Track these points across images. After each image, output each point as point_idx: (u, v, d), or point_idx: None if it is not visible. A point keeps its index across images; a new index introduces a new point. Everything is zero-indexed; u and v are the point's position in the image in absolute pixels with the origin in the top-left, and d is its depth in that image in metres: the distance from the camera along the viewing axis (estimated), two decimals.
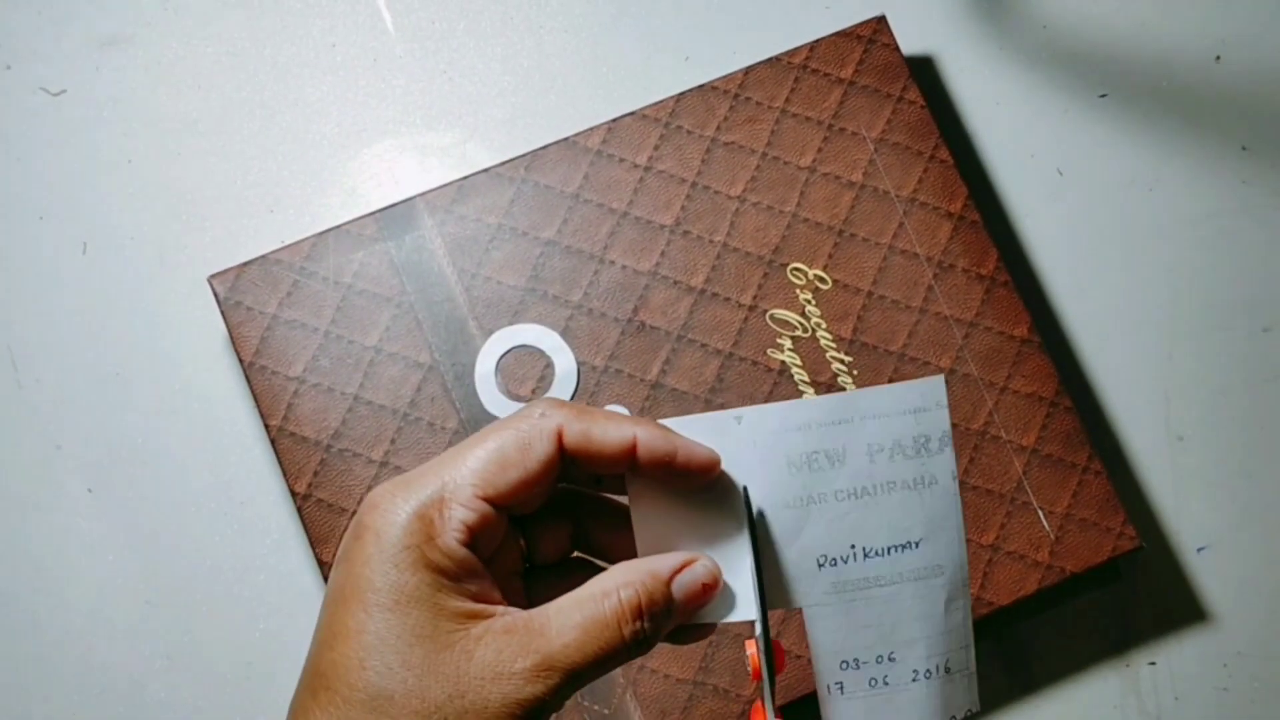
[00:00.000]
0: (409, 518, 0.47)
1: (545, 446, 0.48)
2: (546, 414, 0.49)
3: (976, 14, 0.77)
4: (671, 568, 0.49)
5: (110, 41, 0.76)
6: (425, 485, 0.48)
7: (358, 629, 0.47)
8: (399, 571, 0.47)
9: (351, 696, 0.47)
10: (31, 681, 0.70)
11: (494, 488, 0.48)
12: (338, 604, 0.48)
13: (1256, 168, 0.76)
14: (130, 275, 0.74)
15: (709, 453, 0.49)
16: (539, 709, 0.47)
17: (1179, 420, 0.74)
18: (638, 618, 0.48)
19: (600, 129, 0.72)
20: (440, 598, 0.47)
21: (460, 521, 0.47)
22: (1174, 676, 0.71)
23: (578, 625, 0.47)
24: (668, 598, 0.48)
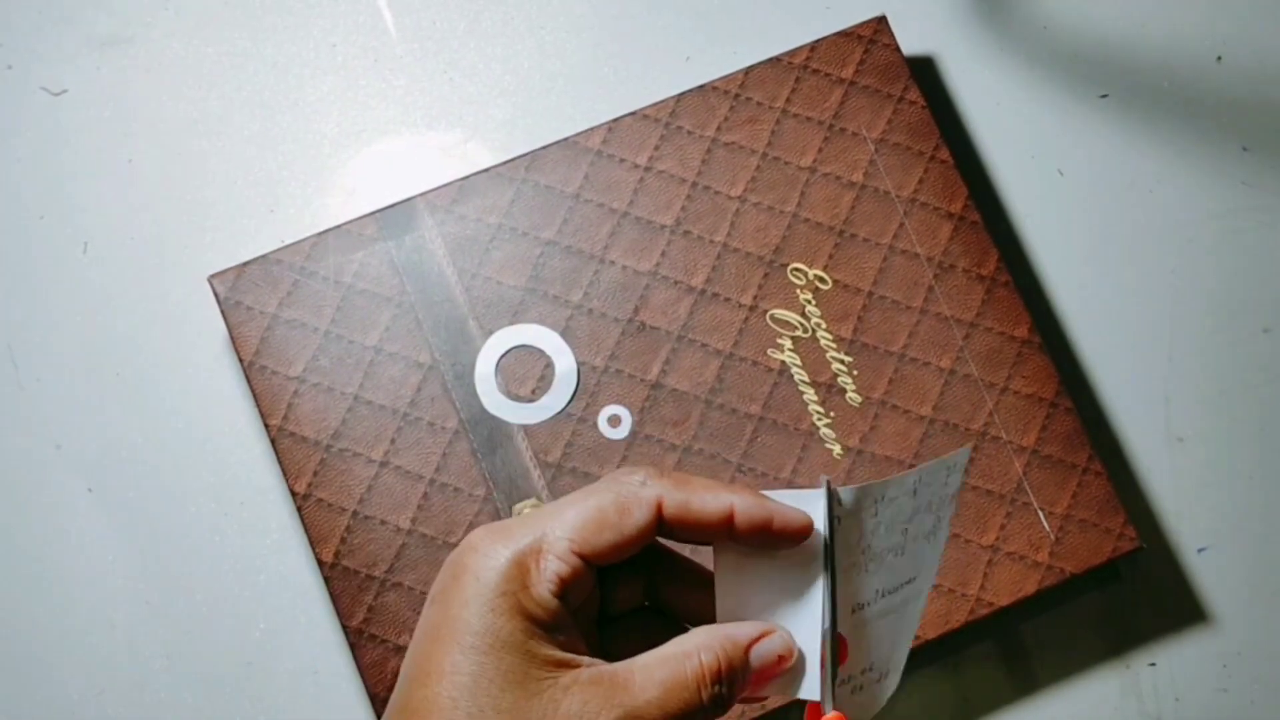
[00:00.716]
0: (507, 563, 0.49)
1: (643, 514, 0.50)
2: (648, 483, 0.50)
3: (977, 14, 0.77)
4: (750, 636, 0.50)
5: (111, 41, 0.76)
6: (525, 534, 0.49)
7: (452, 669, 0.48)
8: (495, 616, 0.48)
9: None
10: (32, 681, 0.70)
11: (589, 545, 0.49)
12: (433, 642, 0.49)
13: (1257, 168, 0.76)
14: (130, 275, 0.74)
15: (803, 517, 0.50)
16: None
17: (1179, 421, 0.74)
18: (717, 681, 0.49)
19: (601, 129, 0.72)
20: (532, 645, 0.48)
21: (555, 573, 0.48)
22: (1174, 677, 0.71)
23: (660, 683, 0.48)
24: (745, 665, 0.49)
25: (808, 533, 0.50)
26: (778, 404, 0.70)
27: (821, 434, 0.69)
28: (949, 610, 0.68)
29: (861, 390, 0.70)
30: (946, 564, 0.68)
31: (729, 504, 0.50)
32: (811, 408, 0.70)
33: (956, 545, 0.68)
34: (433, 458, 0.69)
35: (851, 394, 0.70)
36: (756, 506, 0.50)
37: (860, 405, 0.70)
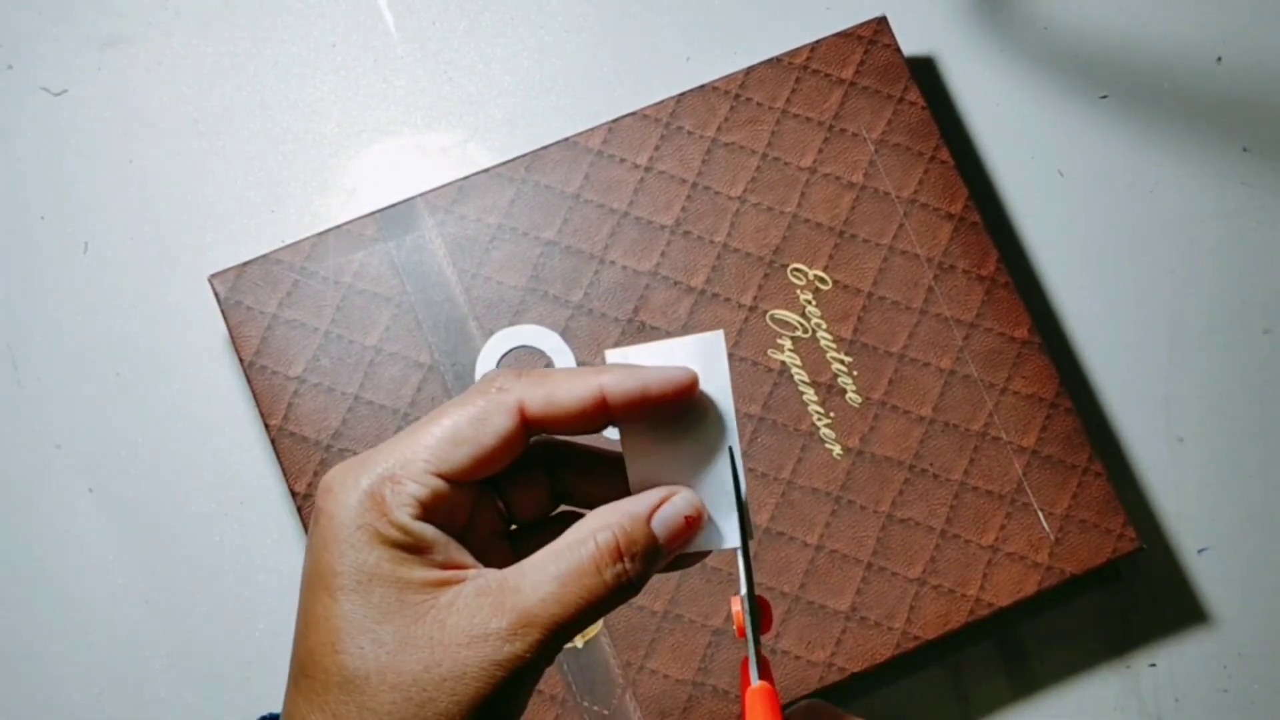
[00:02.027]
0: (360, 496, 0.46)
1: (503, 421, 0.47)
2: (504, 388, 0.48)
3: (977, 15, 0.77)
4: (650, 505, 0.48)
5: (111, 41, 0.76)
6: (376, 464, 0.47)
7: (325, 615, 0.46)
8: (356, 551, 0.46)
9: (329, 681, 0.46)
10: (32, 681, 0.70)
11: (447, 464, 0.47)
12: (306, 593, 0.47)
13: (1257, 169, 0.76)
14: (130, 275, 0.74)
15: (681, 373, 0.48)
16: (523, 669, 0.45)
17: (1179, 422, 0.74)
18: (618, 560, 0.46)
19: (601, 129, 0.72)
20: (403, 571, 0.46)
21: (411, 496, 0.46)
22: (1174, 678, 0.71)
23: (554, 577, 0.46)
24: (649, 536, 0.47)
25: (691, 386, 0.48)
26: (778, 404, 0.70)
27: (821, 434, 0.70)
28: (949, 611, 0.68)
29: (861, 391, 0.70)
30: (946, 564, 0.68)
31: (596, 385, 0.47)
32: (811, 408, 0.70)
33: (956, 545, 0.69)
34: None
35: (851, 394, 0.70)
36: (628, 378, 0.47)
37: (860, 406, 0.70)
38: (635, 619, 0.67)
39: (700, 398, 0.48)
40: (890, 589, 0.68)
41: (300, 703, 0.47)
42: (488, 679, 0.45)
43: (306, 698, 0.46)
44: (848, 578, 0.68)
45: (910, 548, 0.68)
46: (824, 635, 0.67)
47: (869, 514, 0.69)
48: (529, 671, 0.45)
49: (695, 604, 0.68)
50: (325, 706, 0.46)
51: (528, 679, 0.46)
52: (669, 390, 0.48)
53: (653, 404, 0.48)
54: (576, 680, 0.67)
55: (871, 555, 0.68)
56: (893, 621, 0.68)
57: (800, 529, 0.68)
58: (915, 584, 0.68)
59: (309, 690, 0.46)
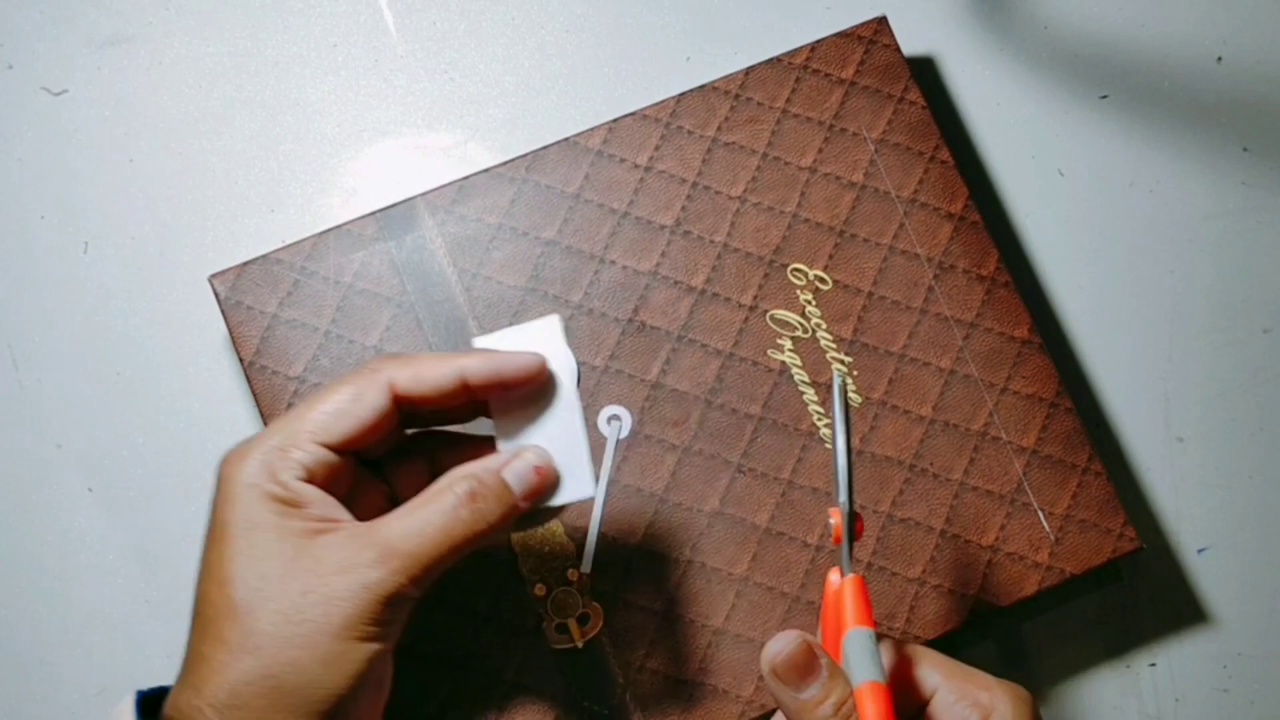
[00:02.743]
0: (255, 464, 0.54)
1: (376, 396, 0.55)
2: (377, 367, 0.55)
3: (977, 14, 0.77)
4: (502, 460, 0.55)
5: (111, 41, 0.76)
6: (269, 437, 0.55)
7: (217, 559, 0.53)
8: (246, 505, 0.53)
9: (216, 615, 0.52)
10: (32, 681, 0.70)
11: (329, 434, 0.54)
12: (204, 548, 0.54)
13: (1257, 169, 0.76)
14: (131, 275, 0.74)
15: (531, 359, 0.56)
16: (391, 595, 0.52)
17: (1179, 421, 0.74)
18: (474, 500, 0.54)
19: (601, 129, 0.72)
20: (284, 520, 0.53)
21: (297, 462, 0.54)
22: (1174, 678, 0.71)
23: (418, 518, 0.53)
24: (501, 484, 0.55)
25: (542, 371, 0.56)
26: (778, 404, 0.70)
27: (821, 434, 0.70)
28: (949, 611, 0.68)
29: (861, 390, 0.70)
30: (946, 564, 0.68)
31: (458, 367, 0.55)
32: (811, 408, 0.70)
33: (956, 546, 0.69)
34: None
35: (852, 394, 0.70)
36: (486, 362, 0.55)
37: (860, 405, 0.70)
38: (635, 619, 0.67)
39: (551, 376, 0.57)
40: (890, 589, 0.68)
41: (194, 639, 0.53)
42: (357, 600, 0.52)
43: (200, 635, 0.53)
44: None
45: (910, 547, 0.68)
46: None
47: (869, 514, 0.69)
48: (396, 596, 0.52)
49: (695, 604, 0.68)
50: (215, 635, 0.52)
51: (395, 605, 0.53)
52: (521, 374, 0.56)
53: (508, 385, 0.56)
54: (576, 680, 0.67)
55: (871, 555, 0.68)
56: (893, 621, 0.68)
57: (800, 529, 0.68)
58: (915, 584, 0.68)
59: (201, 629, 0.53)
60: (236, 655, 0.51)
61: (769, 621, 0.67)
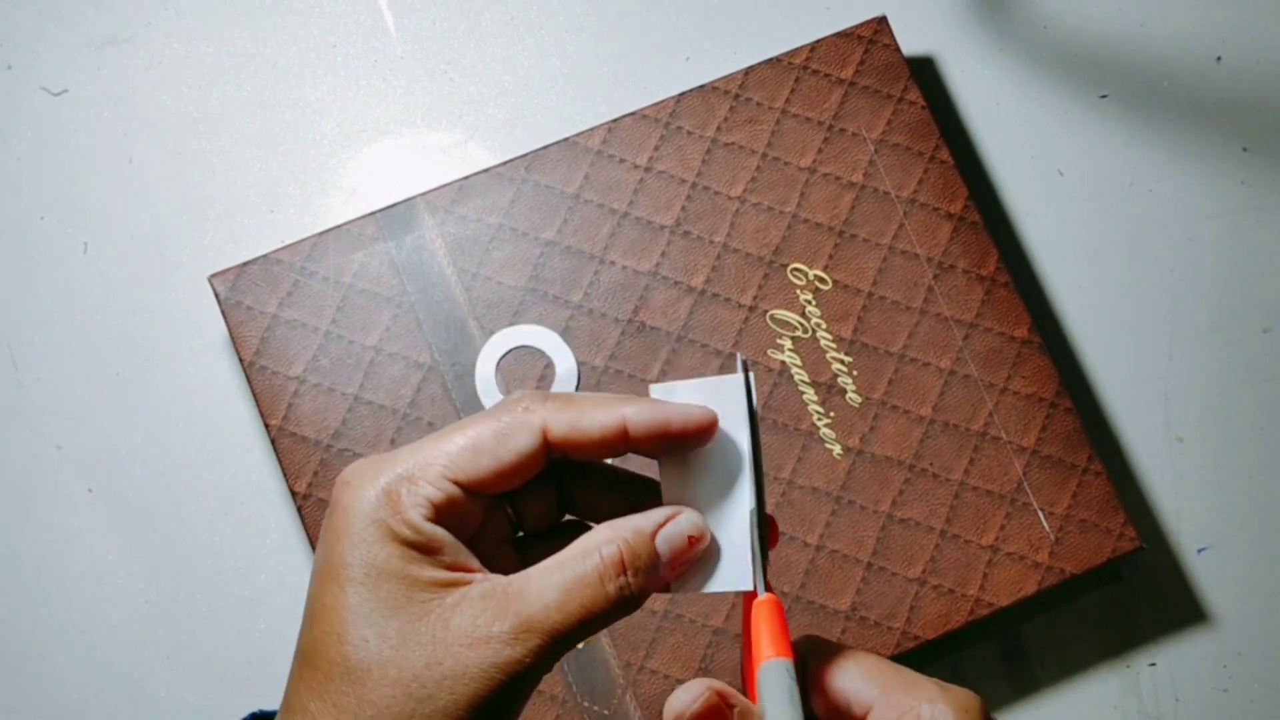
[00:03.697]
0: (377, 494, 0.47)
1: (526, 441, 0.48)
2: (530, 408, 0.49)
3: (977, 14, 0.77)
4: (656, 522, 0.49)
5: (111, 41, 0.76)
6: (396, 464, 0.48)
7: (333, 605, 0.47)
8: (368, 546, 0.47)
9: (331, 671, 0.47)
10: (32, 681, 0.70)
11: (464, 472, 0.48)
12: (316, 583, 0.48)
13: (1257, 168, 0.76)
14: (130, 275, 0.74)
15: (702, 414, 0.49)
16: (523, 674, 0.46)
17: (1179, 421, 0.74)
18: (621, 573, 0.47)
19: (601, 129, 0.72)
20: (412, 569, 0.47)
21: (425, 499, 0.47)
22: (1174, 678, 0.71)
23: (558, 585, 0.47)
24: (652, 553, 0.48)
25: (711, 428, 0.49)
26: (778, 404, 0.70)
27: (821, 434, 0.70)
28: (949, 611, 0.68)
29: (861, 390, 0.70)
30: (946, 564, 0.68)
31: (619, 416, 0.48)
32: (811, 408, 0.70)
33: (956, 545, 0.69)
34: None
35: (851, 394, 0.70)
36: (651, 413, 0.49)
37: (860, 405, 0.70)
38: (636, 619, 0.67)
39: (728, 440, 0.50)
40: (890, 589, 0.68)
41: (302, 691, 0.47)
42: (487, 680, 0.46)
43: (309, 686, 0.47)
44: (848, 578, 0.68)
45: (910, 548, 0.68)
46: (824, 635, 0.67)
47: (869, 514, 0.69)
48: (528, 676, 0.46)
49: (695, 604, 0.68)
50: (326, 696, 0.46)
51: (526, 683, 0.46)
52: (689, 428, 0.49)
53: (673, 439, 0.49)
54: (577, 680, 0.67)
55: (871, 555, 0.68)
56: (893, 621, 0.68)
57: (800, 529, 0.68)
58: (915, 584, 0.68)
59: (310, 680, 0.47)
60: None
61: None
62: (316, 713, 0.47)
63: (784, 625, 0.49)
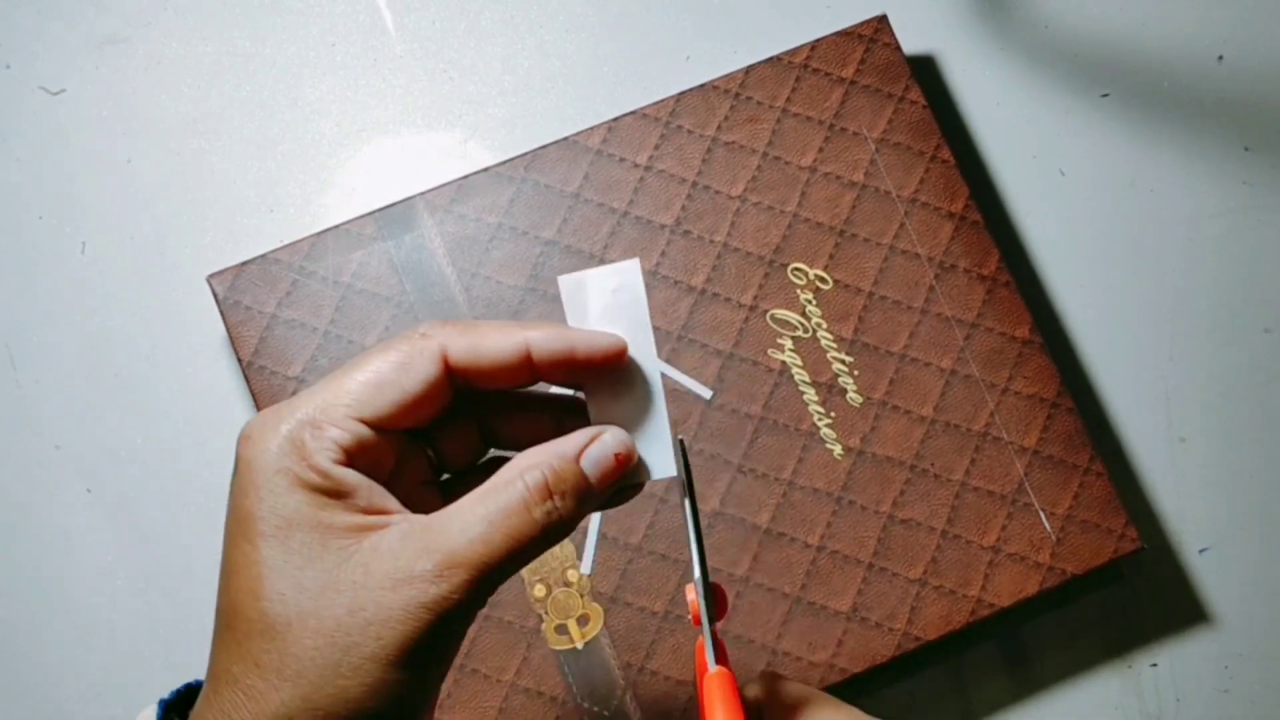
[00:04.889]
0: (280, 442, 0.45)
1: (427, 367, 0.46)
2: (428, 333, 0.47)
3: (978, 14, 0.77)
4: (579, 445, 0.47)
5: (110, 41, 0.76)
6: (297, 410, 0.46)
7: (246, 562, 0.45)
8: (275, 496, 0.45)
9: (250, 630, 0.45)
10: (32, 681, 0.70)
11: (369, 409, 0.46)
12: (227, 541, 0.46)
13: (1258, 168, 0.76)
14: (129, 275, 0.74)
15: (610, 340, 0.48)
16: (452, 611, 0.44)
17: (1181, 421, 0.74)
18: (547, 498, 0.45)
19: (600, 128, 0.72)
20: (325, 515, 0.45)
21: (333, 441, 0.45)
22: (1176, 678, 0.71)
23: (482, 518, 0.45)
24: (578, 474, 0.46)
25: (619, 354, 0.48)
26: (778, 404, 0.70)
27: (822, 434, 0.69)
28: (950, 611, 0.68)
29: (862, 390, 0.70)
30: (948, 564, 0.68)
31: (522, 339, 0.47)
32: (812, 408, 0.70)
33: (957, 546, 0.68)
34: None
35: (852, 394, 0.70)
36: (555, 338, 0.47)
37: (861, 405, 0.70)
38: (635, 620, 0.67)
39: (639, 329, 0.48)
40: (891, 589, 0.68)
41: (222, 654, 0.46)
42: (414, 621, 0.44)
43: (228, 648, 0.45)
44: (849, 578, 0.68)
45: (911, 548, 0.68)
46: (825, 636, 0.67)
47: (870, 514, 0.69)
48: (458, 614, 0.45)
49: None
50: (248, 655, 0.45)
51: (456, 621, 0.45)
52: (596, 355, 0.47)
53: (580, 367, 0.47)
54: (576, 681, 0.67)
55: (872, 556, 0.68)
56: (894, 622, 0.68)
57: (801, 529, 0.68)
58: (916, 584, 0.68)
59: (230, 640, 0.45)
60: (274, 683, 0.44)
61: (769, 622, 0.67)
62: (240, 674, 0.45)
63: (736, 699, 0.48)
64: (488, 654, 0.67)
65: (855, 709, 0.50)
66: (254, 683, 0.44)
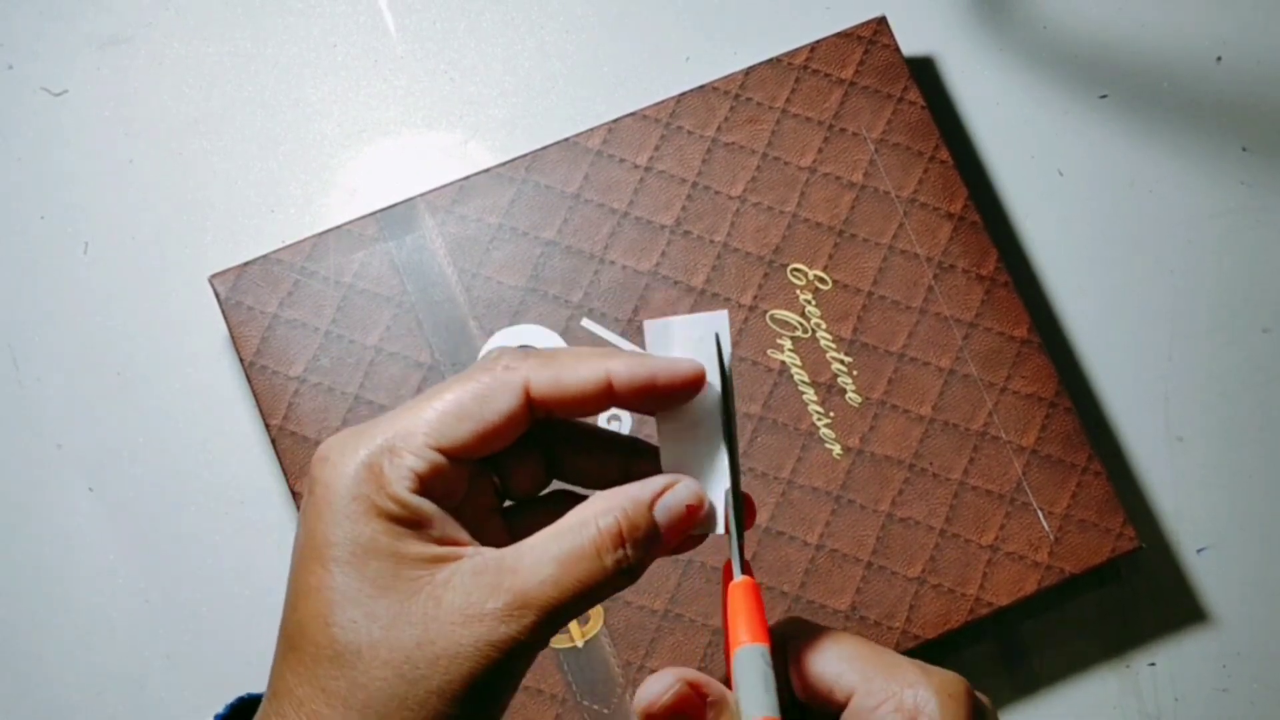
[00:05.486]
0: (357, 467, 0.45)
1: (508, 399, 0.46)
2: (511, 366, 0.47)
3: (977, 14, 0.77)
4: (654, 491, 0.47)
5: (111, 41, 0.76)
6: (375, 435, 0.46)
7: (319, 586, 0.45)
8: (352, 523, 0.45)
9: (319, 655, 0.45)
10: (32, 681, 0.70)
11: (447, 439, 0.46)
12: (298, 563, 0.46)
13: (1257, 168, 0.76)
14: (131, 275, 0.74)
15: (690, 367, 0.48)
16: (517, 650, 0.45)
17: (1179, 421, 0.74)
18: (619, 545, 0.46)
19: (601, 129, 0.72)
20: (400, 545, 0.45)
21: (409, 469, 0.45)
22: (1174, 677, 0.71)
23: (554, 559, 0.45)
24: (650, 523, 0.46)
25: (699, 381, 0.48)
26: (778, 404, 0.70)
27: (821, 434, 0.70)
28: (948, 610, 0.68)
29: (861, 390, 0.70)
30: (946, 563, 0.68)
31: (603, 370, 0.47)
32: (811, 408, 0.70)
33: (956, 545, 0.69)
34: None
35: (851, 394, 0.70)
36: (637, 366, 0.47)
37: (860, 405, 0.70)
38: (635, 618, 0.67)
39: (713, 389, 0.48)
40: (890, 588, 0.68)
41: (288, 675, 0.46)
42: (481, 658, 0.44)
43: (294, 670, 0.45)
44: (848, 577, 0.68)
45: (910, 547, 0.69)
46: None
47: (869, 513, 0.69)
48: (523, 652, 0.45)
49: (695, 603, 0.68)
50: (314, 680, 0.45)
51: (522, 660, 0.45)
52: (676, 382, 0.47)
53: (660, 395, 0.47)
54: (576, 680, 0.67)
55: (871, 555, 0.68)
56: (892, 621, 0.68)
57: (800, 528, 0.68)
58: (915, 583, 0.68)
59: (297, 663, 0.46)
60: (340, 711, 0.44)
61: (769, 621, 0.67)
62: (305, 698, 0.45)
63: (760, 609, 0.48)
64: None
65: (885, 649, 0.50)
66: (319, 709, 0.45)
